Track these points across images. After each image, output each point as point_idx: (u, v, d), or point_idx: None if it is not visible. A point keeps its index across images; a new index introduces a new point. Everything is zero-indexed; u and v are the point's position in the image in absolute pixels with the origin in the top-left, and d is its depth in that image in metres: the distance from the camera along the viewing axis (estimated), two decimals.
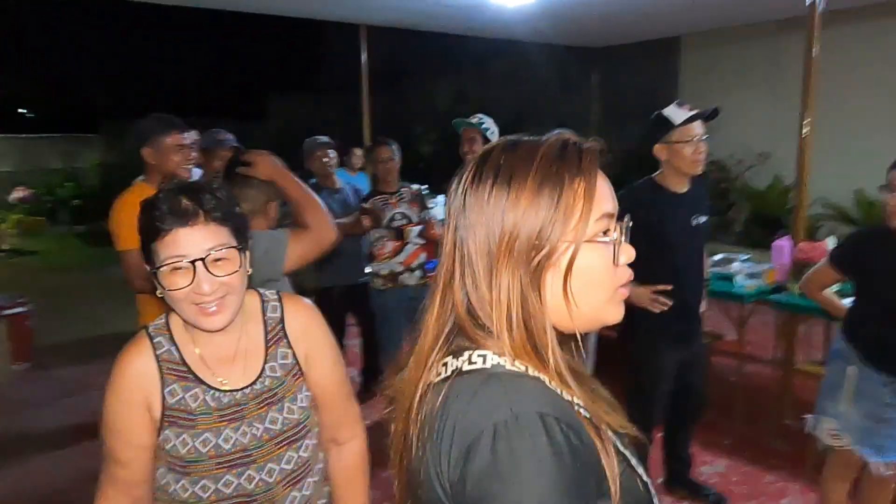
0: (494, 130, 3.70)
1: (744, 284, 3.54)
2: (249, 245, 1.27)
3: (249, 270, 1.26)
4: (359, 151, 6.47)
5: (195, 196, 1.19)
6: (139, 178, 3.63)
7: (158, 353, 1.26)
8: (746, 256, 4.07)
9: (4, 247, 11.61)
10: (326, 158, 3.98)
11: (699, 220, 2.68)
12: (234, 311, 1.24)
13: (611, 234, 0.82)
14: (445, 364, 0.81)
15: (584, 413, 0.79)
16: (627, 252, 0.84)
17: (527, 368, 0.78)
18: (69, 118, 18.09)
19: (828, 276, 2.43)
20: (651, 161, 2.64)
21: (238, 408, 1.28)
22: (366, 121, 6.32)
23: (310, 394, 1.37)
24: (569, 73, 11.28)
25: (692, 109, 2.52)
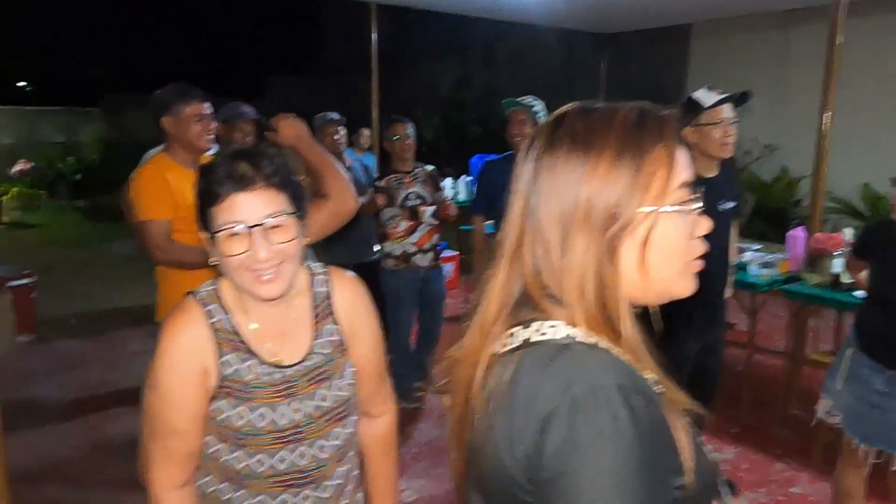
0: (543, 113, 3.64)
1: (758, 273, 3.53)
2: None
3: (306, 239, 1.23)
4: (367, 132, 6.43)
5: (253, 161, 1.15)
6: (154, 150, 3.59)
7: (212, 321, 1.22)
8: (758, 246, 4.06)
9: (4, 219, 11.55)
10: (337, 136, 3.93)
11: (726, 206, 2.66)
12: (289, 280, 1.21)
13: (689, 205, 0.79)
14: (513, 334, 0.79)
15: (657, 388, 0.77)
16: (704, 223, 0.82)
17: (598, 341, 0.76)
18: (69, 91, 17.93)
19: (855, 266, 2.49)
20: None
21: (289, 384, 1.26)
22: (374, 101, 6.26)
23: (354, 369, 1.35)
24: (576, 60, 11.21)
25: (723, 93, 2.50)
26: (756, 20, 7.35)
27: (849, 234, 3.50)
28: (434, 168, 3.94)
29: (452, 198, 6.05)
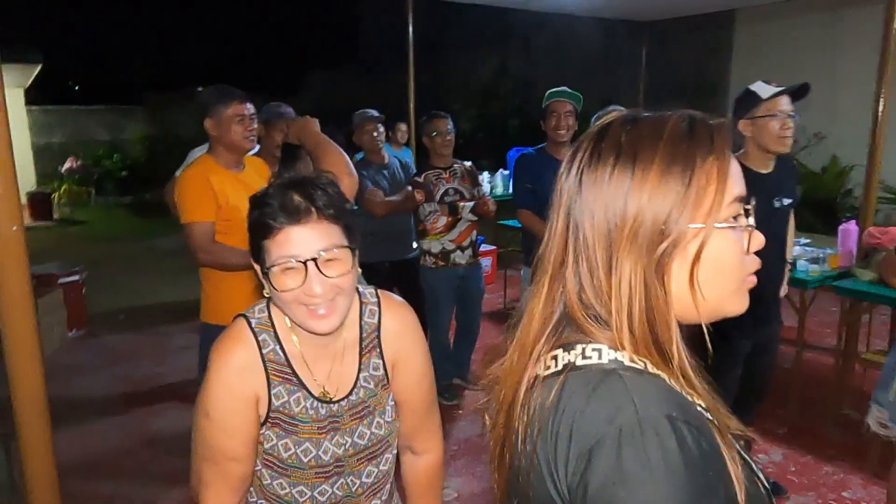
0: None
1: (806, 269, 3.41)
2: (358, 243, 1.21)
3: (359, 270, 1.19)
4: (404, 127, 6.42)
5: (307, 192, 1.12)
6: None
7: (264, 352, 1.21)
8: (807, 240, 3.93)
9: (56, 216, 11.94)
10: (376, 133, 3.93)
11: (782, 203, 2.58)
12: (344, 314, 1.17)
13: (742, 219, 0.75)
14: (555, 357, 0.76)
15: (707, 415, 0.73)
16: (758, 239, 0.77)
17: (645, 365, 0.73)
18: (114, 90, 18.38)
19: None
20: None
21: (334, 419, 1.25)
22: (411, 95, 6.24)
23: (394, 404, 1.33)
24: (615, 48, 10.99)
25: (779, 86, 2.42)
26: (804, 4, 7.09)
27: None
28: (472, 164, 3.90)
29: (490, 192, 6.01)
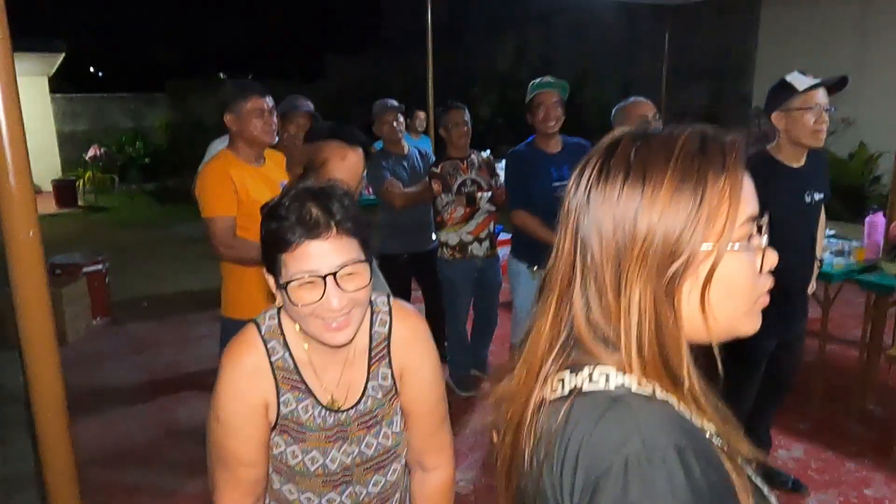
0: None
1: (831, 262, 3.34)
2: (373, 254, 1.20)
3: (370, 282, 1.19)
4: (422, 114, 6.39)
5: (324, 205, 1.10)
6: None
7: (273, 360, 1.21)
8: (832, 232, 3.85)
9: (80, 203, 12.13)
10: (396, 123, 3.92)
11: (814, 198, 2.52)
12: (358, 326, 1.17)
13: (755, 240, 0.73)
14: (562, 380, 0.74)
15: (717, 441, 0.72)
16: (771, 259, 0.75)
17: (653, 389, 0.71)
18: (137, 78, 18.56)
19: None
20: (723, 127, 2.50)
21: (342, 428, 1.25)
22: (430, 84, 6.20)
23: (401, 418, 1.33)
24: (637, 32, 10.81)
25: (816, 78, 2.35)
26: None
27: None
28: (489, 154, 3.88)
29: None
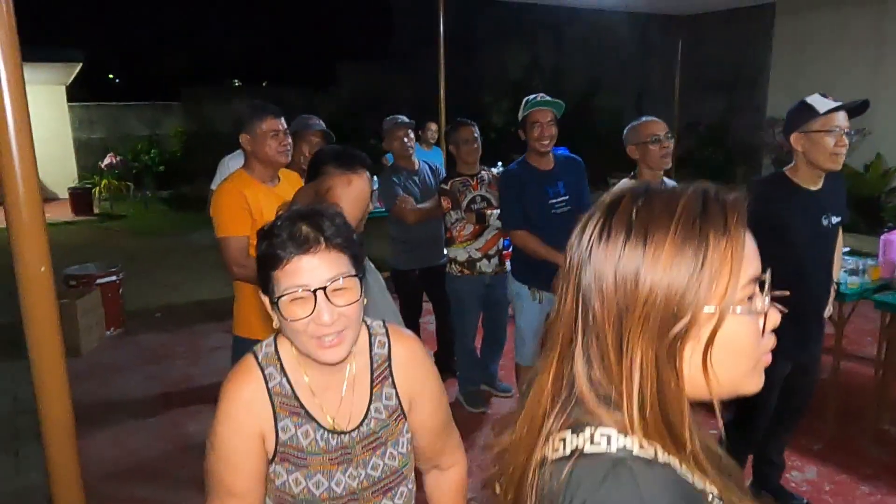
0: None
1: (845, 281, 3.31)
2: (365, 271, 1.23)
3: (365, 300, 1.21)
4: (434, 126, 6.41)
5: (315, 222, 1.14)
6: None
7: (270, 386, 1.22)
8: (847, 249, 3.80)
9: (96, 210, 12.26)
10: (407, 139, 3.93)
11: (831, 221, 2.49)
12: (352, 343, 1.19)
13: (757, 301, 0.72)
14: (564, 440, 0.74)
15: (719, 503, 0.71)
16: (774, 318, 0.75)
17: (655, 451, 0.71)
18: (152, 86, 18.76)
19: None
20: (735, 137, 2.48)
21: (346, 451, 1.26)
22: (442, 94, 6.22)
23: (409, 436, 1.34)
24: (650, 42, 10.78)
25: (836, 100, 2.34)
26: None
27: None
28: (500, 168, 3.88)
29: None
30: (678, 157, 2.93)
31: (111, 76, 25.49)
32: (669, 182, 3.08)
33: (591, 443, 0.72)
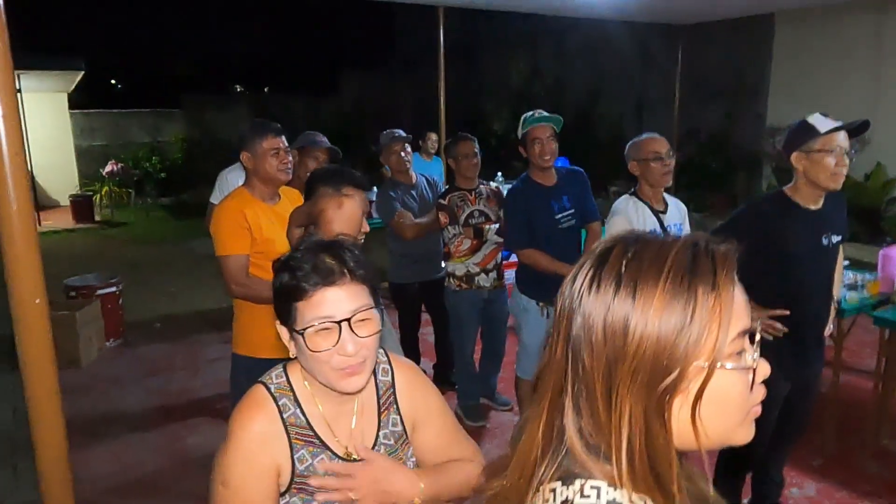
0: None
1: (844, 296, 3.31)
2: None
3: (381, 329, 1.23)
4: (434, 136, 6.42)
5: (337, 254, 1.16)
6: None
7: (285, 416, 1.22)
8: (846, 262, 3.80)
9: (97, 217, 12.27)
10: (403, 153, 3.94)
11: (831, 240, 2.49)
12: (370, 372, 1.21)
13: (746, 355, 0.73)
14: (554, 490, 0.74)
15: None
16: (763, 371, 0.75)
17: (644, 502, 0.71)
18: (154, 93, 18.79)
19: None
20: (736, 145, 2.48)
21: None
22: (442, 104, 6.23)
23: (415, 459, 1.35)
24: (651, 51, 10.80)
25: (837, 121, 2.35)
26: (845, 7, 6.85)
27: None
28: (498, 185, 3.88)
29: None
30: (678, 166, 2.95)
31: (113, 83, 25.54)
32: (670, 199, 3.08)
33: (582, 496, 0.72)
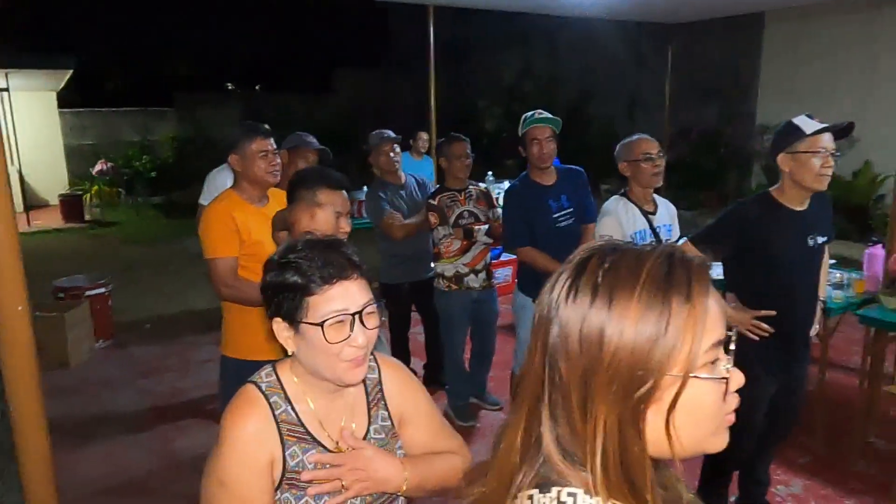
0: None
1: (830, 295, 3.33)
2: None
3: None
4: (425, 136, 6.41)
5: (341, 251, 1.21)
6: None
7: (276, 413, 1.24)
8: (834, 260, 3.82)
9: (87, 217, 12.20)
10: (393, 153, 3.94)
11: (816, 241, 2.51)
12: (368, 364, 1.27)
13: (720, 365, 0.74)
14: (531, 498, 0.75)
15: None
16: (737, 380, 0.76)
17: None
18: (145, 92, 18.67)
19: None
20: (727, 144, 2.50)
21: None
22: (432, 103, 6.22)
23: (402, 452, 1.37)
24: (641, 50, 10.83)
25: (823, 122, 2.37)
26: (835, 6, 6.89)
27: None
28: (487, 186, 3.89)
29: None
30: (670, 164, 2.97)
31: (102, 83, 25.35)
32: (660, 200, 3.09)
33: (558, 503, 0.73)
